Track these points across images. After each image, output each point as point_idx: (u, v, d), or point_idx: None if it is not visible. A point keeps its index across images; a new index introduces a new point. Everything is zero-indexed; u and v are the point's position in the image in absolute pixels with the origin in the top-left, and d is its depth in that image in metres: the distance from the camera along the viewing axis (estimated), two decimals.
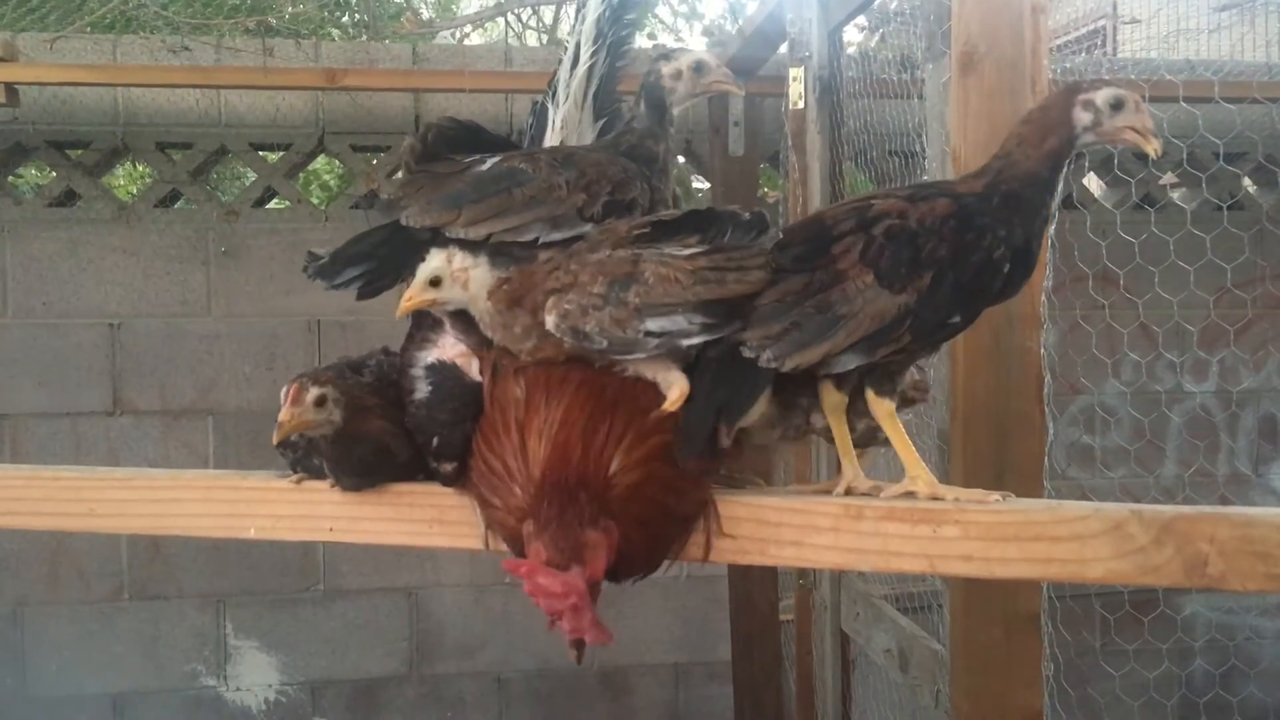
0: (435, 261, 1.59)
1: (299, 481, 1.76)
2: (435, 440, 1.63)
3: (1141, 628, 5.09)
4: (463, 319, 1.66)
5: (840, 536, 1.50)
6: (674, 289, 1.47)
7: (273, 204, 5.52)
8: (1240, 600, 5.38)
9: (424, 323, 1.74)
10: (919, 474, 1.52)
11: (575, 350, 1.51)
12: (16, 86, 4.62)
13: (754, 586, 4.69)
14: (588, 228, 1.64)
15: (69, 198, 5.19)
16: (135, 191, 5.93)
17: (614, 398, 1.52)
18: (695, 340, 1.49)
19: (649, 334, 1.47)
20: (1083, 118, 1.52)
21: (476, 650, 5.35)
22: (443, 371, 1.67)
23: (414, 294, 1.59)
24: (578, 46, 1.91)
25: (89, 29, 5.58)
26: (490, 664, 5.36)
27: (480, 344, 1.65)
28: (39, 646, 5.05)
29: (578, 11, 1.95)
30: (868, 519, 1.48)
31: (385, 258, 1.71)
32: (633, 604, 5.31)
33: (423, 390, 1.67)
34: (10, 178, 5.29)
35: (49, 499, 1.85)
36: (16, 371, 4.97)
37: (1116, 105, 1.51)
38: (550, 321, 1.50)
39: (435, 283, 1.59)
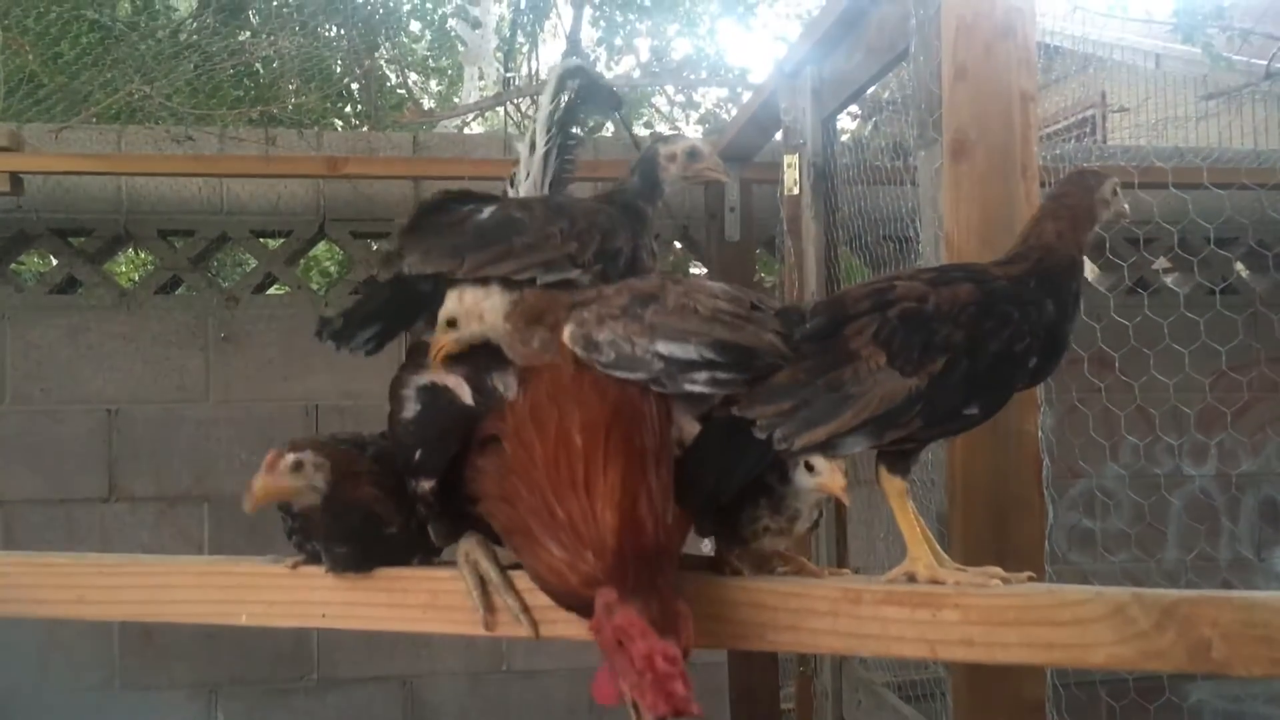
0: (449, 304, 1.63)
1: (294, 566, 1.74)
2: (418, 453, 1.60)
3: (1148, 715, 5.00)
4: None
5: (839, 621, 1.48)
6: (691, 319, 1.48)
7: (272, 290, 5.55)
8: (1247, 687, 5.29)
9: (417, 350, 1.76)
10: (920, 555, 1.50)
11: (586, 363, 1.50)
12: (21, 175, 4.68)
13: (755, 675, 4.62)
14: (577, 273, 1.68)
15: (70, 284, 5.22)
16: (136, 278, 5.96)
17: (655, 449, 1.44)
18: (700, 382, 1.46)
19: (658, 355, 1.46)
20: (1101, 213, 1.61)
21: None
22: (434, 392, 1.66)
23: (439, 339, 1.63)
24: (533, 134, 2.03)
25: (94, 119, 5.66)
26: None
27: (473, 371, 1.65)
28: None
29: (533, 100, 2.07)
30: (866, 603, 1.46)
31: (392, 315, 1.77)
32: None
33: (411, 410, 1.67)
34: (13, 265, 5.33)
35: (39, 585, 1.83)
36: (13, 459, 4.95)
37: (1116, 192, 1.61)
38: (567, 332, 1.50)
39: (452, 323, 1.62)
